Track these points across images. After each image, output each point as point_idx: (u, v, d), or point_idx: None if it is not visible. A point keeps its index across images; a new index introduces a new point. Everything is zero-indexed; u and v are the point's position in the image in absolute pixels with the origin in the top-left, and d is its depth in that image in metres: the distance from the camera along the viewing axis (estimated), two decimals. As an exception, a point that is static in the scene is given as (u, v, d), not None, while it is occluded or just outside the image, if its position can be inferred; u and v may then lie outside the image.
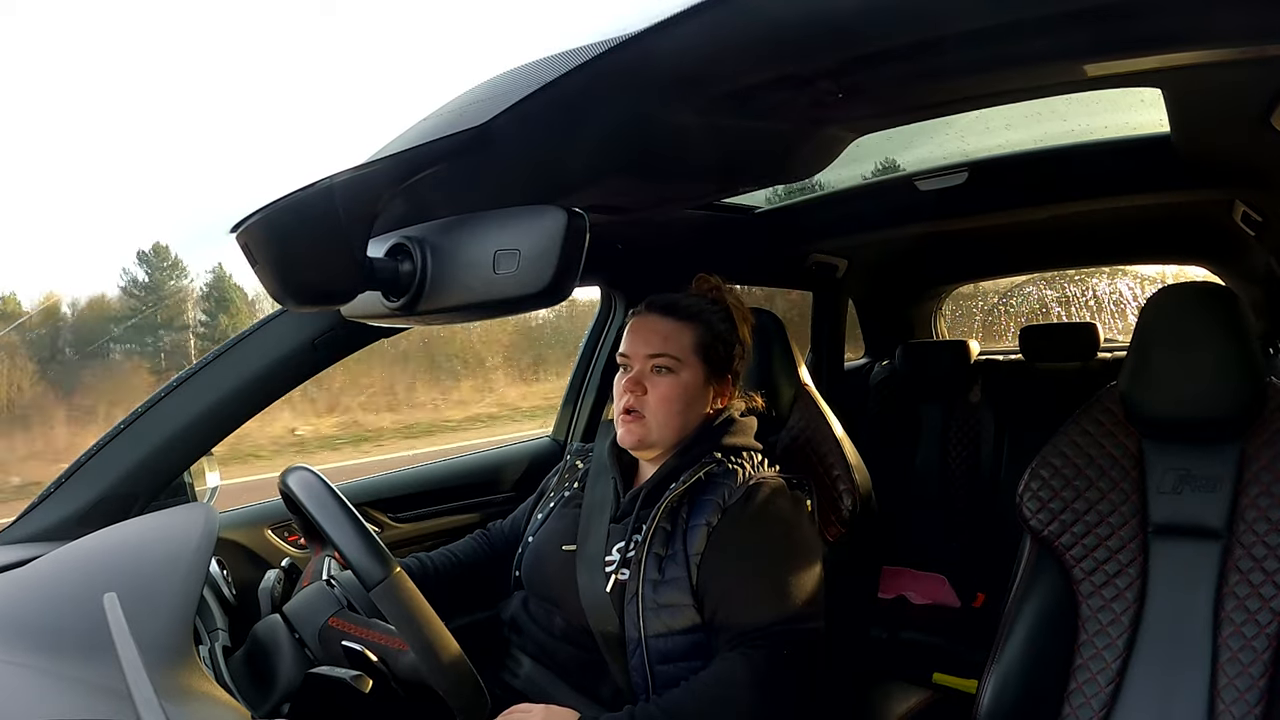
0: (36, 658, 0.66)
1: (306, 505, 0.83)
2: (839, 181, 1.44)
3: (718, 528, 0.97)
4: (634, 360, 1.04)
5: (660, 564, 0.97)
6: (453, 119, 0.57)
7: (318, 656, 0.84)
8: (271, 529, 1.24)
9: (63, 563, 0.81)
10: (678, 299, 1.07)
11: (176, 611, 0.70)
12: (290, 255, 0.56)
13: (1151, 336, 1.02)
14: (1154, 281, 2.95)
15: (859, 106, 0.80)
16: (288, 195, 0.54)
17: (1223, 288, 1.07)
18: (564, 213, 0.53)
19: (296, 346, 1.08)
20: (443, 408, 9.41)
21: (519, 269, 0.53)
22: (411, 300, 0.59)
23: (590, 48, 0.52)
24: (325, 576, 0.91)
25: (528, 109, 0.54)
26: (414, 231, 0.60)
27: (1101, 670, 0.99)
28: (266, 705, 0.81)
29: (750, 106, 0.71)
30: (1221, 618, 0.95)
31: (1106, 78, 0.79)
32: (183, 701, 0.63)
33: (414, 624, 0.78)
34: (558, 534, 1.07)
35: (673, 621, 0.95)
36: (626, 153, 0.77)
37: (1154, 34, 0.63)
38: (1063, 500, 1.03)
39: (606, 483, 1.07)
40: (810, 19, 0.54)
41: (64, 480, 1.02)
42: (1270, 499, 0.95)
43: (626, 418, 1.03)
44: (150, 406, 1.04)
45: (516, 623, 1.06)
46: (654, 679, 0.95)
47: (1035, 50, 0.64)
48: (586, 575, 1.00)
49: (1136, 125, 1.19)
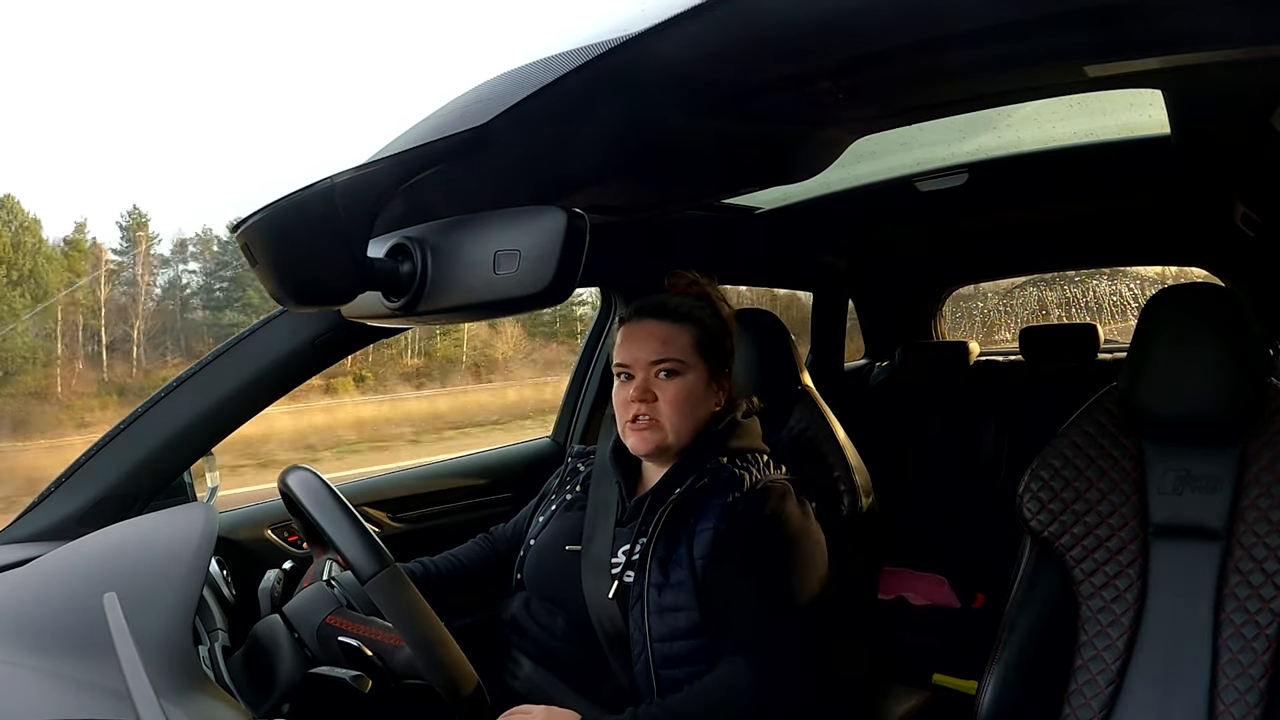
0: (36, 658, 0.66)
1: (304, 503, 0.83)
2: (839, 181, 1.44)
3: (724, 532, 0.97)
4: (636, 368, 1.02)
5: (665, 567, 0.96)
6: (453, 119, 0.57)
7: (317, 655, 0.84)
8: (271, 529, 1.24)
9: (63, 563, 0.81)
10: (666, 301, 1.06)
11: (176, 611, 0.70)
12: (290, 255, 0.56)
13: (1152, 337, 1.02)
14: (1154, 283, 2.96)
15: (859, 106, 0.79)
16: (288, 195, 0.54)
17: (1223, 288, 1.07)
18: (564, 213, 0.53)
19: (296, 346, 1.08)
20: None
21: (519, 269, 0.53)
22: (411, 300, 0.59)
23: (590, 48, 0.52)
24: (325, 577, 0.91)
25: (528, 109, 0.54)
26: (414, 232, 0.60)
27: (1101, 671, 0.99)
28: (266, 705, 0.81)
29: (751, 107, 0.71)
30: (1221, 619, 0.95)
31: (1107, 78, 0.78)
32: (183, 701, 0.63)
33: (409, 618, 0.77)
34: (561, 536, 1.07)
35: (677, 624, 0.95)
36: (626, 153, 0.77)
37: (1155, 35, 0.63)
38: (1063, 501, 1.03)
39: (610, 485, 1.07)
40: (811, 19, 0.54)
41: (64, 480, 1.02)
42: (1270, 500, 0.95)
43: (637, 425, 1.01)
44: (150, 406, 1.04)
45: (518, 623, 1.06)
46: (659, 682, 0.95)
47: (1036, 50, 0.64)
48: (592, 577, 1.00)
49: (1136, 125, 1.19)
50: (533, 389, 12.86)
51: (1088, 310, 4.26)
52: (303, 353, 1.09)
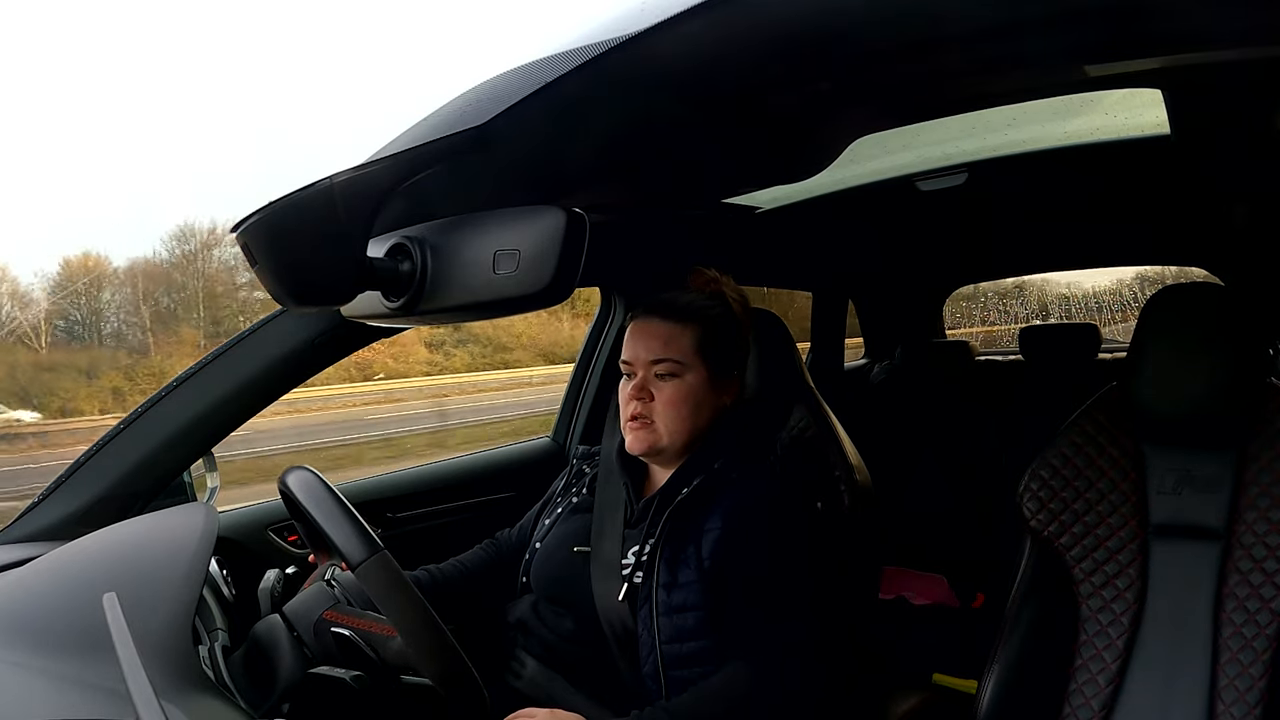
0: (36, 657, 0.66)
1: (300, 499, 0.83)
2: (839, 181, 1.44)
3: (731, 532, 0.96)
4: (637, 366, 1.02)
5: (674, 568, 0.96)
6: (452, 119, 0.57)
7: (314, 652, 0.84)
8: (271, 529, 1.24)
9: (63, 562, 0.81)
10: (676, 299, 1.05)
11: (176, 611, 0.70)
12: (290, 255, 0.56)
13: (1152, 337, 1.02)
14: (1155, 282, 2.96)
15: (859, 106, 0.79)
16: (288, 195, 0.54)
17: (1223, 288, 1.07)
18: (564, 213, 0.53)
19: (296, 346, 1.08)
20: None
21: (519, 269, 0.53)
22: (411, 300, 0.59)
23: (590, 48, 0.52)
24: (326, 578, 0.92)
25: (528, 109, 0.54)
26: (414, 231, 0.60)
27: (1101, 671, 0.99)
28: (266, 705, 0.81)
29: (750, 106, 0.71)
30: (1221, 618, 0.95)
31: (1107, 78, 0.78)
32: (183, 701, 0.63)
33: (399, 606, 0.77)
34: (568, 538, 1.06)
35: (685, 625, 0.95)
36: (627, 153, 0.77)
37: (1154, 34, 0.63)
38: (1063, 501, 1.03)
39: (617, 486, 1.06)
40: (811, 19, 0.54)
41: (64, 480, 1.02)
42: (1270, 499, 0.95)
43: (634, 424, 1.01)
44: (150, 406, 1.04)
45: (524, 624, 1.06)
46: (668, 683, 0.95)
47: (1035, 50, 0.64)
48: (602, 578, 1.00)
49: (1136, 125, 1.19)
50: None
51: (1087, 311, 4.26)
52: (303, 353, 1.08)
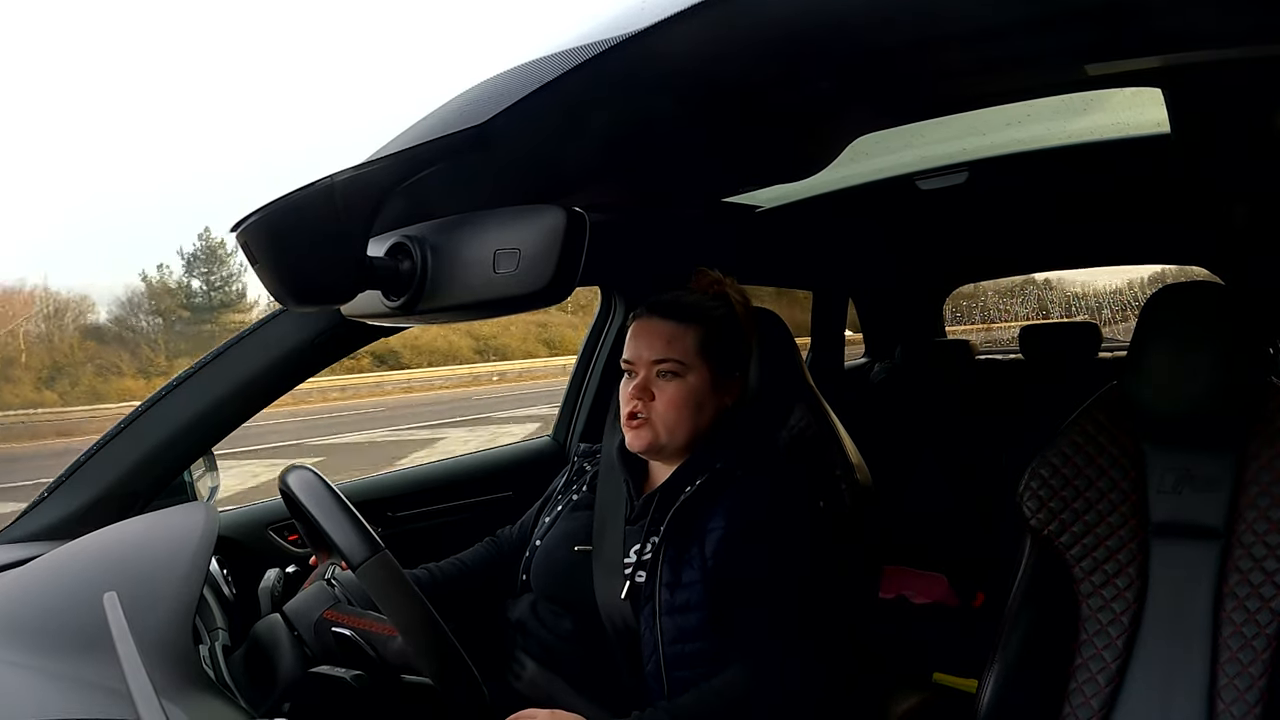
0: (36, 657, 0.66)
1: (300, 498, 0.84)
2: (839, 180, 1.44)
3: (733, 531, 0.96)
4: (639, 366, 1.02)
5: (677, 567, 0.96)
6: (453, 118, 0.57)
7: (315, 651, 0.84)
8: (272, 528, 1.24)
9: (63, 562, 0.81)
10: (679, 298, 1.05)
11: (176, 611, 0.70)
12: (290, 255, 0.56)
13: (1152, 336, 1.02)
14: (1155, 282, 2.96)
15: (859, 106, 0.79)
16: (288, 195, 0.54)
17: (1223, 288, 1.07)
18: (564, 212, 0.53)
19: (296, 346, 1.08)
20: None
21: (519, 268, 0.53)
22: (411, 299, 0.59)
23: (590, 47, 0.52)
24: (327, 577, 0.92)
25: (528, 107, 0.54)
26: (414, 231, 0.60)
27: (1101, 670, 0.99)
28: (266, 704, 0.81)
29: (750, 106, 0.71)
30: (1221, 618, 0.95)
31: (1107, 77, 0.78)
32: (183, 701, 0.63)
33: (399, 605, 0.77)
34: (569, 536, 1.06)
35: (688, 624, 0.95)
36: (627, 152, 0.77)
37: (1154, 34, 0.63)
38: (1063, 500, 1.03)
39: (618, 484, 1.06)
40: (811, 18, 0.54)
41: (64, 480, 1.02)
42: (1270, 499, 0.95)
43: (633, 423, 1.01)
44: (150, 406, 1.04)
45: (523, 625, 1.06)
46: (670, 684, 0.95)
47: (1036, 50, 0.64)
48: (604, 578, 1.00)
49: (1136, 125, 1.19)
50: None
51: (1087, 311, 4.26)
52: (303, 352, 1.08)
